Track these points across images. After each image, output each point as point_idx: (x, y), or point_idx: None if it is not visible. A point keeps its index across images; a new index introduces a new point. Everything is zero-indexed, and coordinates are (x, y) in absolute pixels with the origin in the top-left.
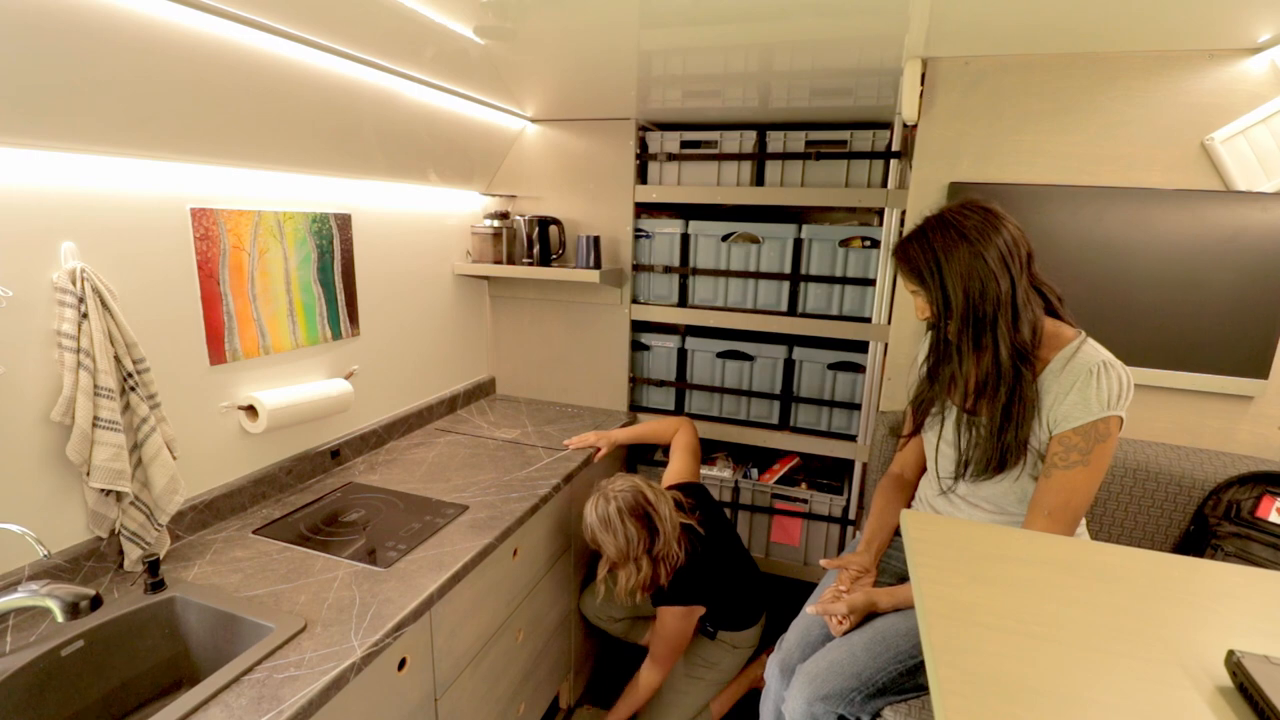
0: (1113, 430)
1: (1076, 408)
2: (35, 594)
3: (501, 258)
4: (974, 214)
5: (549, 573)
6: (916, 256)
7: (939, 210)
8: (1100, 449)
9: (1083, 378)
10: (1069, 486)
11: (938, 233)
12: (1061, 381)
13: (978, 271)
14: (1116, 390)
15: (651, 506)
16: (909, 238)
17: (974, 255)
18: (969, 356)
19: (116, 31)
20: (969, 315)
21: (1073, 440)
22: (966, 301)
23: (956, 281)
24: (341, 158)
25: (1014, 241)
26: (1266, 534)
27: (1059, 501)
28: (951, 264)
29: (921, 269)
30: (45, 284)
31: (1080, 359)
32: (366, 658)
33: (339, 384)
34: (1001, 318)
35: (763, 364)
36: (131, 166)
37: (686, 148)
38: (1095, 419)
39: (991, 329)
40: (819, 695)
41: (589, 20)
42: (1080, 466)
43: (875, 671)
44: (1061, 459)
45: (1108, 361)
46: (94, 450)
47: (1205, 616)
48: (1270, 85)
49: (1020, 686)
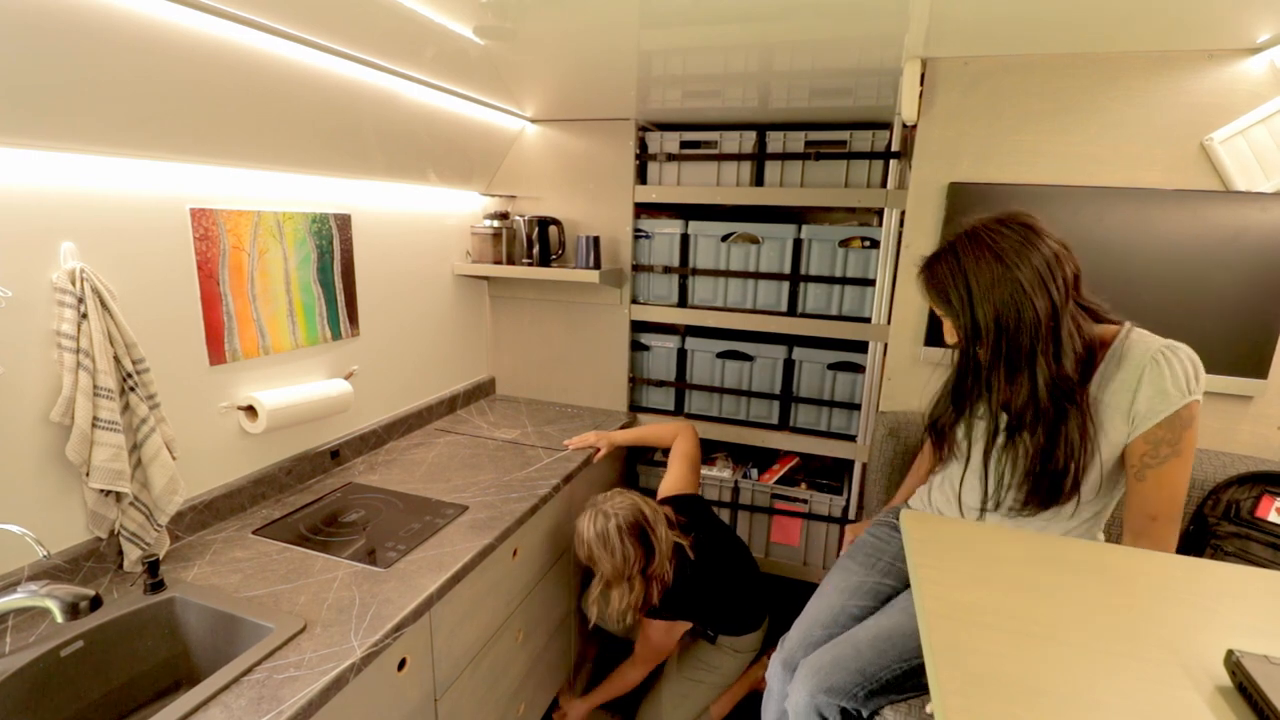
0: (1195, 414)
1: (1155, 401)
2: (35, 594)
3: (501, 258)
4: (1011, 230)
5: (549, 573)
6: (944, 277)
7: (972, 225)
8: (1188, 435)
9: (1148, 367)
10: (1169, 482)
11: (969, 251)
12: (1124, 379)
13: (1012, 296)
14: (1192, 371)
15: (649, 525)
16: (937, 255)
17: (1008, 277)
18: (1001, 388)
19: (116, 31)
20: (1001, 344)
21: (1159, 435)
22: (998, 329)
23: (988, 307)
24: (341, 158)
25: (1055, 260)
26: (1266, 534)
27: (1163, 499)
28: (982, 286)
29: (949, 290)
30: (45, 284)
31: (1133, 348)
32: (366, 658)
33: (339, 384)
34: (1039, 348)
35: (762, 364)
36: (131, 166)
37: (686, 148)
38: (1177, 408)
39: (1029, 360)
40: (822, 688)
41: (589, 20)
42: (1173, 459)
43: (879, 669)
44: (1153, 457)
45: (1169, 345)
46: (93, 451)
47: (1205, 616)
48: (1269, 85)
49: (1021, 687)
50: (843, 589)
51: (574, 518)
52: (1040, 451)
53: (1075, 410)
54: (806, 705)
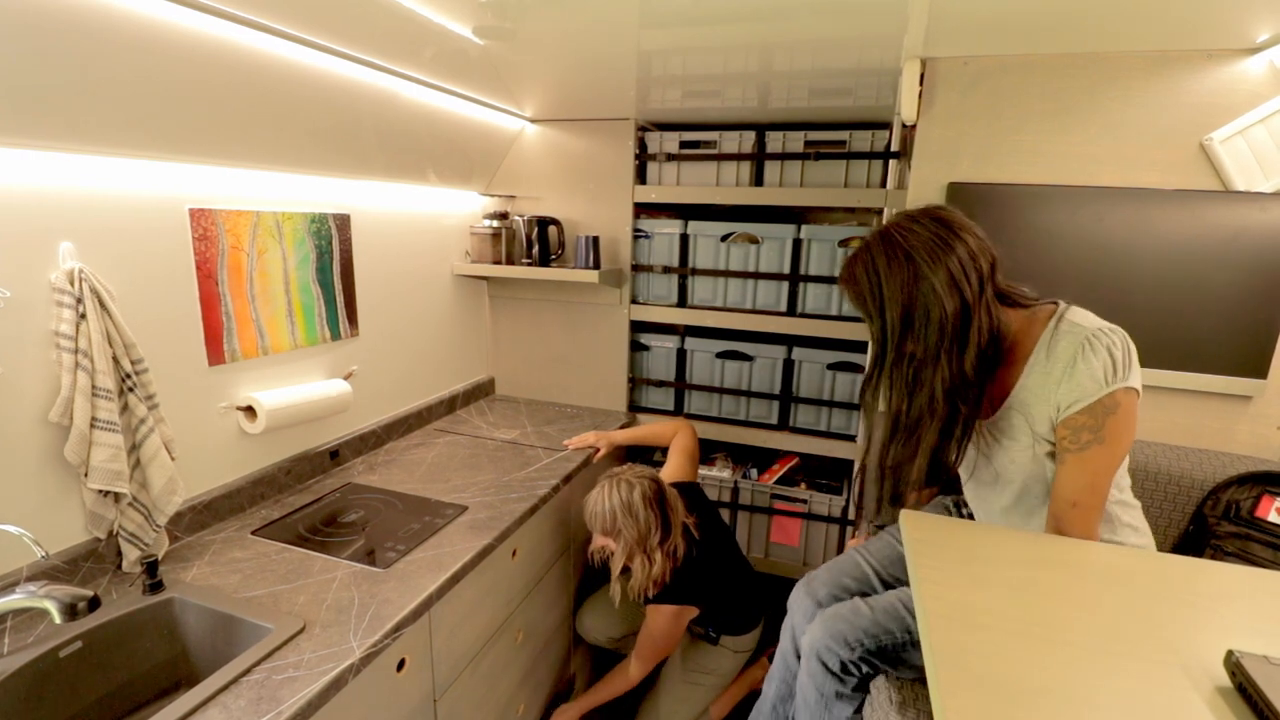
0: (1121, 401)
1: (1073, 391)
2: (33, 595)
3: (501, 258)
4: (922, 228)
5: (548, 574)
6: (860, 278)
7: (886, 224)
8: (1113, 422)
9: (1078, 354)
10: (1089, 469)
11: (881, 251)
12: (1053, 365)
13: (921, 297)
14: (1119, 357)
15: (667, 497)
16: (853, 256)
17: (918, 277)
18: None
19: (116, 31)
20: (903, 346)
21: (1080, 421)
22: (904, 329)
23: (896, 309)
24: (340, 158)
25: (970, 257)
26: (1266, 534)
27: (1082, 484)
28: (891, 288)
29: (865, 294)
30: (43, 284)
31: (1066, 335)
32: (365, 659)
33: (338, 384)
34: (943, 347)
35: (762, 364)
36: (130, 167)
37: (686, 148)
38: (1100, 395)
39: (932, 361)
40: (830, 632)
41: (588, 20)
42: (1095, 445)
43: (881, 633)
44: (1072, 441)
45: (1095, 331)
46: (92, 451)
47: (1205, 617)
48: (1269, 85)
49: (1020, 687)
50: (881, 556)
51: (574, 518)
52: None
53: (966, 410)
54: (812, 645)
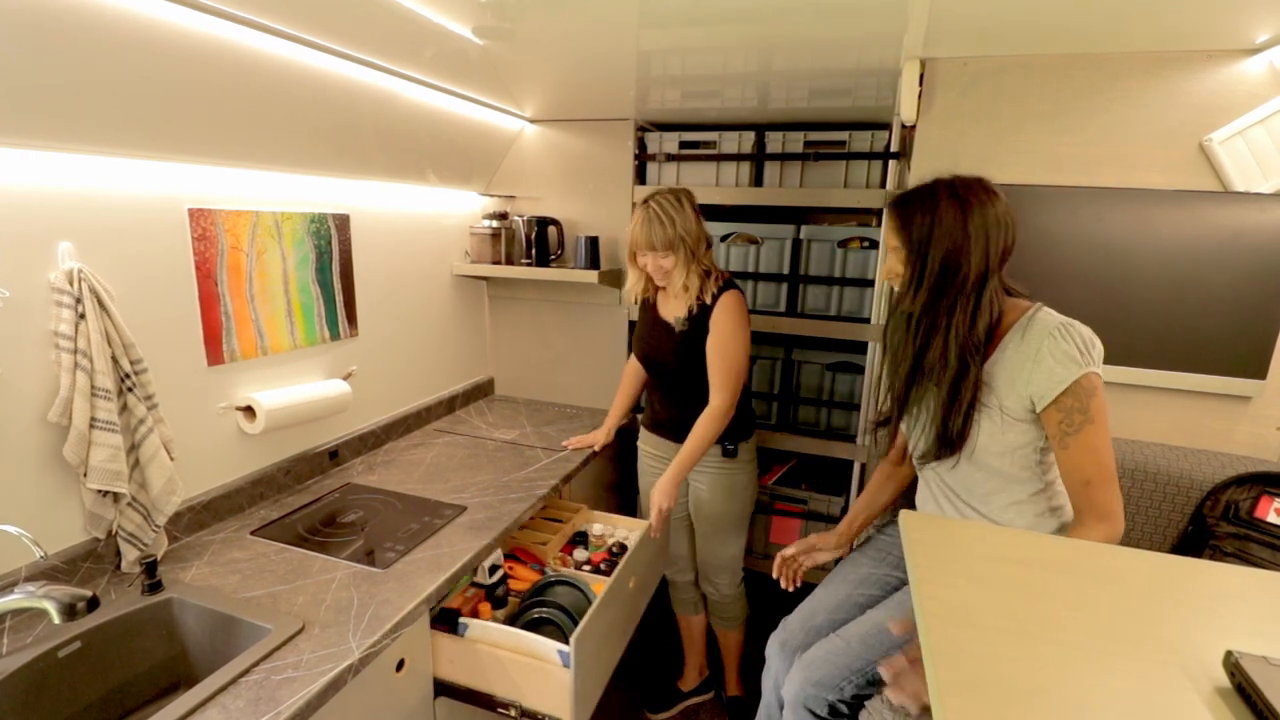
0: (1096, 385)
1: (1056, 371)
2: (32, 595)
3: (500, 258)
4: (982, 191)
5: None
6: (915, 211)
7: (950, 175)
8: (1095, 403)
9: (1047, 342)
10: (1091, 446)
11: (943, 194)
12: (1024, 349)
13: (962, 245)
14: (1085, 344)
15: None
16: (914, 192)
17: (964, 228)
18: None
19: (115, 31)
20: (936, 289)
21: (1068, 403)
22: (940, 274)
23: (939, 251)
24: (340, 158)
25: (1000, 226)
26: (1265, 534)
27: (1092, 464)
28: (942, 229)
29: (913, 225)
30: (42, 284)
31: (1038, 325)
32: (364, 659)
33: (337, 384)
34: (961, 303)
35: (761, 364)
36: (129, 167)
37: (685, 148)
38: (1079, 376)
39: (948, 313)
40: (811, 681)
41: (588, 21)
42: (1088, 425)
43: (866, 663)
44: (1068, 424)
45: (1066, 322)
46: (91, 451)
47: (1204, 617)
48: (1268, 86)
49: (1019, 688)
50: (850, 579)
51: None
52: (941, 404)
53: (972, 370)
54: (796, 696)
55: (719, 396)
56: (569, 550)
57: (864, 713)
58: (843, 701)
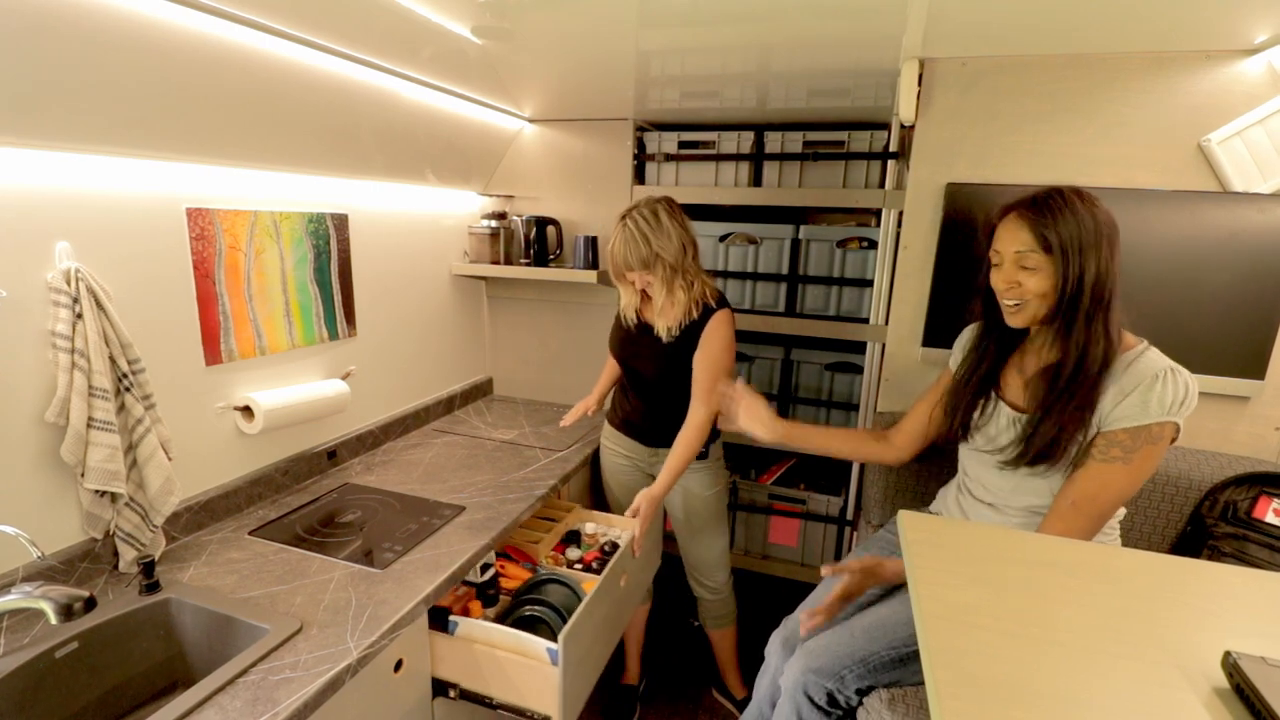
0: (1165, 435)
1: (1134, 409)
2: (29, 596)
3: (499, 258)
4: (1100, 206)
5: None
6: (1065, 224)
7: (1074, 188)
8: (1147, 451)
9: (1146, 381)
10: (1101, 480)
11: (1082, 208)
12: (1122, 383)
13: (1107, 261)
14: (1181, 396)
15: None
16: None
17: (1108, 244)
18: (1056, 344)
19: (114, 31)
20: (1086, 301)
21: (1119, 438)
22: (1095, 286)
23: (1091, 264)
24: (339, 158)
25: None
26: (1263, 534)
27: (1087, 492)
28: (1088, 237)
29: (1065, 238)
30: (40, 284)
31: (1144, 363)
32: (363, 659)
33: (336, 384)
34: (1100, 313)
35: (761, 364)
36: (127, 166)
37: (684, 148)
38: (1150, 422)
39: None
40: (811, 668)
41: (587, 20)
42: (1119, 464)
43: (868, 655)
44: (1101, 453)
45: (1174, 368)
46: (89, 451)
47: (1202, 618)
48: (1267, 86)
49: (1018, 688)
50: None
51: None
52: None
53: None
54: (795, 682)
55: (702, 410)
56: (561, 549)
57: (862, 710)
58: (842, 694)
